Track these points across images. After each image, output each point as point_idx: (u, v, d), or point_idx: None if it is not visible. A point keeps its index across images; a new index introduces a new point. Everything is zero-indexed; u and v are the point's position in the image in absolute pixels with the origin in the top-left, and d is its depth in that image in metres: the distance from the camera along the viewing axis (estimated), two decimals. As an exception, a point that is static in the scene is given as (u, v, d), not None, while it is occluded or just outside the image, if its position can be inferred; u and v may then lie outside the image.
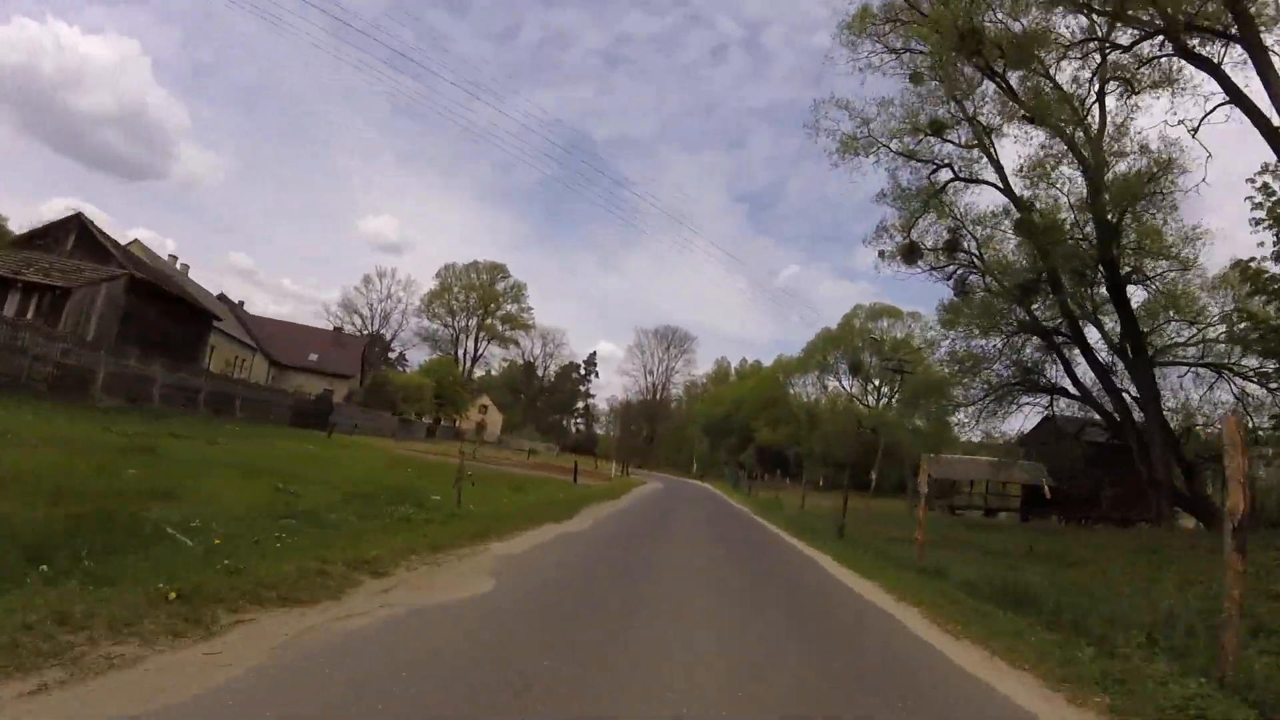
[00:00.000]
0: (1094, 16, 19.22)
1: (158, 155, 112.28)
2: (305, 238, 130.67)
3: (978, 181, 24.91)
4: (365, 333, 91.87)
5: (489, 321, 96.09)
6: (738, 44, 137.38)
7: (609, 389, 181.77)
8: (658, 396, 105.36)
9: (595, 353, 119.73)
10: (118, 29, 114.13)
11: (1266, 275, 11.22)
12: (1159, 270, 22.87)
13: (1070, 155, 22.66)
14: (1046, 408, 31.41)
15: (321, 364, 59.42)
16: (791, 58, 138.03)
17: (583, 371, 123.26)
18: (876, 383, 65.84)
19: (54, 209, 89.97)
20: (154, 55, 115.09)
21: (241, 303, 65.31)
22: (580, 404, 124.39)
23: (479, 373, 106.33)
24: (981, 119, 24.33)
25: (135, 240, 41.74)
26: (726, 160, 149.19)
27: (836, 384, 69.75)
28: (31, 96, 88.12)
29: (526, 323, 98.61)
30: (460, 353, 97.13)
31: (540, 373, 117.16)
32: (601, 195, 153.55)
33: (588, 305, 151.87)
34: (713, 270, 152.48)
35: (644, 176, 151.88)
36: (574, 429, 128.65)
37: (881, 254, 31.14)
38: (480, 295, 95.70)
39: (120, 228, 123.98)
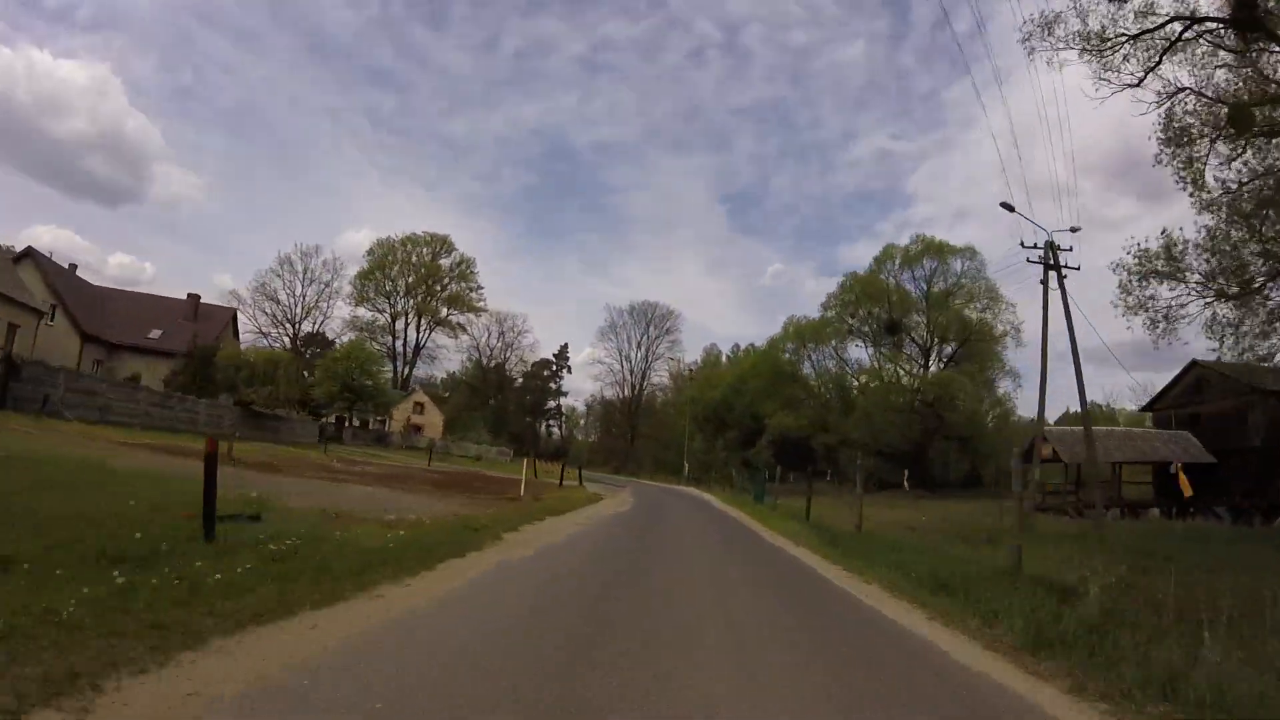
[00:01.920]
0: None
1: (136, 179, 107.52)
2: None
3: None
4: (290, 324, 75.01)
5: (431, 304, 79.36)
6: (717, 46, 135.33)
7: (592, 391, 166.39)
8: (638, 388, 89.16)
9: (566, 345, 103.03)
10: (92, 54, 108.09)
11: None
12: None
13: None
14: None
15: (164, 342, 43.24)
16: (771, 56, 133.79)
17: (554, 367, 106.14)
18: (922, 344, 49.97)
19: (32, 236, 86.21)
20: (129, 79, 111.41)
21: (74, 266, 49.46)
22: (552, 403, 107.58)
23: (439, 374, 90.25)
24: None
25: None
26: (711, 162, 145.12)
27: (864, 351, 53.83)
28: (7, 124, 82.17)
29: (475, 304, 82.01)
30: (399, 345, 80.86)
31: (501, 365, 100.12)
32: (586, 201, 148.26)
33: (573, 312, 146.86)
34: (699, 272, 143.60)
35: (629, 181, 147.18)
36: (546, 432, 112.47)
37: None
38: (420, 273, 79.30)
39: (102, 253, 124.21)
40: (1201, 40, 16.55)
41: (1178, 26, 16.46)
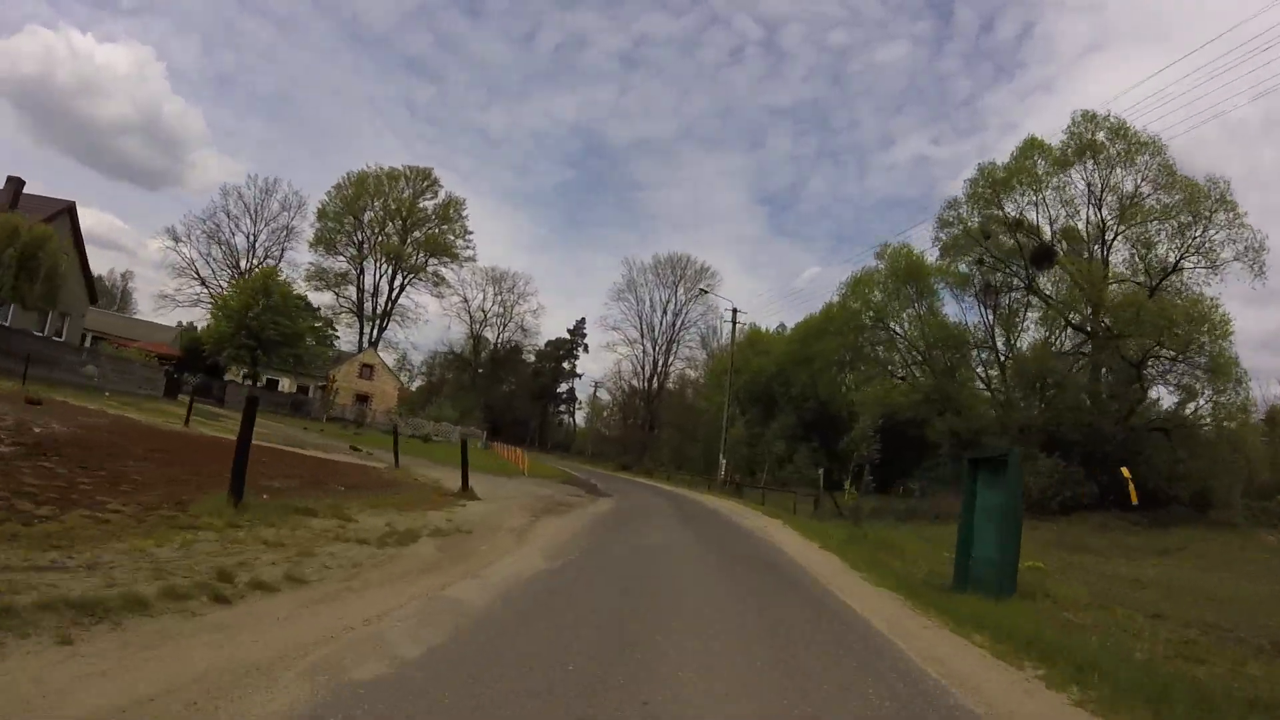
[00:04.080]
0: None
1: (176, 163, 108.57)
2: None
3: None
4: (239, 272, 59.90)
5: (406, 249, 63.61)
6: (757, 43, 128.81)
7: (607, 368, 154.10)
8: (660, 365, 72.38)
9: (583, 320, 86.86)
10: (135, 38, 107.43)
11: None
12: None
13: None
14: None
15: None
16: (810, 56, 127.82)
17: (570, 345, 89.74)
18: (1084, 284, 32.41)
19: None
20: (171, 63, 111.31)
21: None
22: (564, 386, 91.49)
23: (440, 348, 74.83)
24: None
25: None
26: (747, 161, 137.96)
27: (975, 307, 36.42)
28: (50, 106, 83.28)
29: (457, 252, 65.82)
30: (368, 305, 65.32)
31: (516, 346, 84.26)
32: (619, 197, 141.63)
33: (603, 308, 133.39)
34: (733, 270, 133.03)
35: (663, 179, 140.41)
36: (557, 420, 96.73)
37: None
38: (394, 213, 63.86)
39: (141, 236, 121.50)
40: None
41: None
